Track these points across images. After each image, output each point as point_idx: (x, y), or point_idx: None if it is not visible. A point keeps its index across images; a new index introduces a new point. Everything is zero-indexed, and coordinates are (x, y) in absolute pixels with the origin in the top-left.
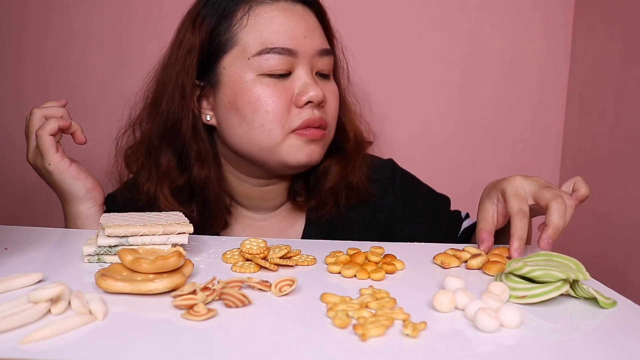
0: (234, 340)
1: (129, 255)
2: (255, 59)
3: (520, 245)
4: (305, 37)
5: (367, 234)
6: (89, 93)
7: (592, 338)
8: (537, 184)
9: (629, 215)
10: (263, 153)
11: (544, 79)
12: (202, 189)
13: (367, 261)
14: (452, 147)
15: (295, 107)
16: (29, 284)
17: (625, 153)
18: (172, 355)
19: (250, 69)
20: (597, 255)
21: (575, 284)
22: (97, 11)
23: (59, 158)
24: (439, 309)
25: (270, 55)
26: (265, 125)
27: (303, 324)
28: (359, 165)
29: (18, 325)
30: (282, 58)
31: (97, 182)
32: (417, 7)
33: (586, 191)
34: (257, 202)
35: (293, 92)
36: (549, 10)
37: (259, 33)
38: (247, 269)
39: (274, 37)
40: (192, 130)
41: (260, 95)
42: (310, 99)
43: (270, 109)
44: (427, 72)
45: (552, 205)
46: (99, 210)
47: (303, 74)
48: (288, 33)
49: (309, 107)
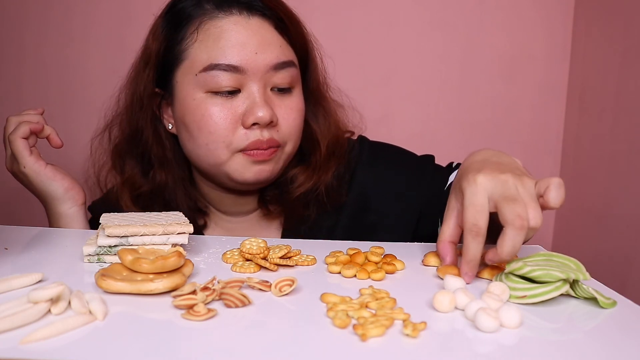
0: (234, 340)
1: (129, 255)
2: (201, 75)
3: (470, 268)
4: (257, 52)
5: (350, 235)
6: (89, 93)
7: (592, 338)
8: (503, 187)
9: (629, 215)
10: (212, 169)
11: (543, 79)
12: (163, 194)
13: (367, 261)
14: (452, 147)
15: (242, 127)
16: (29, 284)
17: (625, 153)
18: (172, 355)
19: (197, 85)
20: (597, 255)
21: (575, 284)
22: (97, 11)
23: (34, 160)
24: (439, 309)
25: (215, 72)
26: (210, 144)
27: (303, 324)
28: (332, 171)
29: (18, 325)
30: (227, 75)
31: (75, 182)
32: (417, 7)
33: (556, 203)
34: (229, 207)
35: (240, 112)
36: (549, 10)
37: (207, 49)
38: (247, 269)
39: (220, 53)
40: (154, 137)
41: (204, 114)
42: (257, 120)
43: (213, 129)
44: (426, 72)
45: (507, 232)
46: (80, 209)
47: (253, 92)
48: (236, 48)
49: (257, 127)
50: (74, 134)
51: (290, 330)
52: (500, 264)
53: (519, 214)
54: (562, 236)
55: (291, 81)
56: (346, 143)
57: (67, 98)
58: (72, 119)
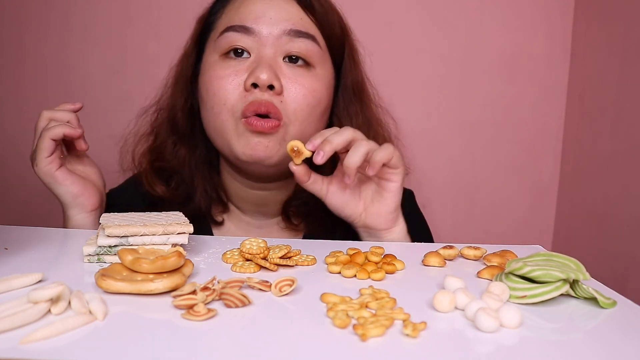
0: (234, 340)
1: (129, 255)
2: (218, 39)
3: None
4: (272, 17)
5: None
6: (89, 93)
7: (592, 338)
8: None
9: (629, 216)
10: (218, 140)
11: (543, 79)
12: (182, 173)
13: (367, 261)
14: (452, 147)
15: (244, 90)
16: (29, 284)
17: (625, 153)
18: (172, 355)
19: (214, 50)
20: (597, 255)
21: (575, 284)
22: (97, 11)
23: (47, 162)
24: (439, 309)
25: (229, 34)
26: (215, 107)
27: (303, 324)
28: None
29: (18, 325)
30: (238, 35)
31: (87, 187)
32: (417, 7)
33: (381, 157)
34: (249, 206)
35: (246, 75)
36: (549, 10)
37: (228, 16)
38: (247, 269)
39: (237, 17)
40: (183, 111)
41: (212, 76)
42: (255, 80)
43: (217, 90)
44: (427, 72)
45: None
46: (88, 216)
47: (262, 56)
48: (252, 13)
49: (258, 90)
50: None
51: (290, 330)
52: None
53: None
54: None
55: (308, 54)
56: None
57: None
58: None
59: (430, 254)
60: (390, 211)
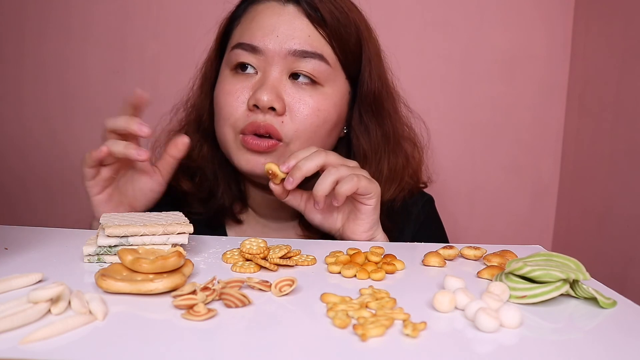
0: (234, 340)
1: (129, 255)
2: (230, 53)
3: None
4: (279, 36)
5: None
6: (88, 93)
7: (592, 338)
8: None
9: (629, 216)
10: (222, 149)
11: (544, 79)
12: (206, 171)
13: (367, 261)
14: (452, 147)
15: (247, 109)
16: (29, 284)
17: (625, 153)
18: (172, 355)
19: (226, 63)
20: (597, 255)
21: (575, 284)
22: (96, 11)
23: (88, 185)
24: (439, 309)
25: (238, 51)
26: (219, 122)
27: (303, 324)
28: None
29: (18, 325)
30: (246, 54)
31: (119, 210)
32: (417, 7)
33: (345, 190)
34: (265, 210)
35: (250, 93)
36: (549, 10)
37: (241, 30)
38: (247, 269)
39: (247, 33)
40: (209, 113)
41: (221, 90)
42: (256, 102)
43: (222, 105)
44: (427, 72)
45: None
46: None
47: (267, 75)
48: (261, 30)
49: (259, 112)
50: (74, 134)
51: (290, 330)
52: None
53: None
54: (562, 236)
55: (314, 74)
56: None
57: (67, 98)
58: (72, 119)
59: (430, 254)
60: (365, 230)
